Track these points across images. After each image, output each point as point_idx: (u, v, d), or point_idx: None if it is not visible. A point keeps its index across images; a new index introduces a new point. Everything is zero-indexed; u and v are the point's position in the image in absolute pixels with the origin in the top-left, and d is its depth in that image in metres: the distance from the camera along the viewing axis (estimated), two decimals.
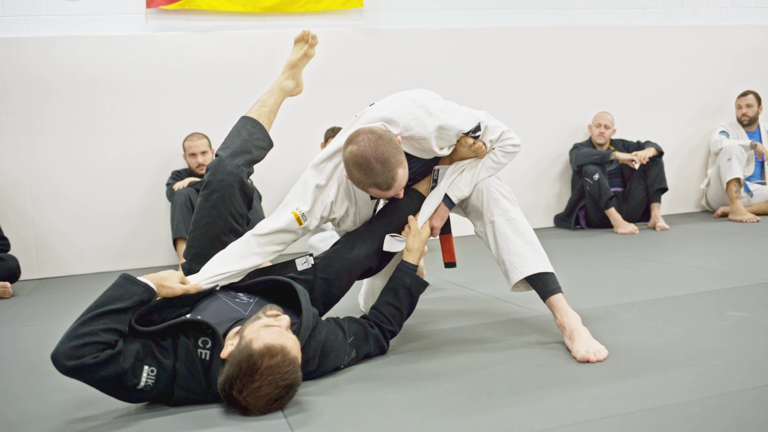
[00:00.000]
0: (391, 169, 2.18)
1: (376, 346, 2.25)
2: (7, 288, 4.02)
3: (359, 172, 2.20)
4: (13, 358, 2.60)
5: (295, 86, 2.90)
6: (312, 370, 2.03)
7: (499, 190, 2.51)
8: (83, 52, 4.84)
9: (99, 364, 1.71)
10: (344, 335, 2.14)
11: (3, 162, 4.73)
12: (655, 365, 2.01)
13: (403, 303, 2.32)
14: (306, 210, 2.34)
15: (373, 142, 2.18)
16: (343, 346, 2.12)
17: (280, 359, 1.71)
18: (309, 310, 2.04)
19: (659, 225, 5.16)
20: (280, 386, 1.72)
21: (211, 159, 4.80)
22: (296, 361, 1.77)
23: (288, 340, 1.79)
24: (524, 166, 5.76)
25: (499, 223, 2.44)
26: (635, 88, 5.99)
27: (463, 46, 5.56)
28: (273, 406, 1.75)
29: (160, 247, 4.99)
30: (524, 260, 2.38)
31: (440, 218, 2.50)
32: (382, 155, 2.17)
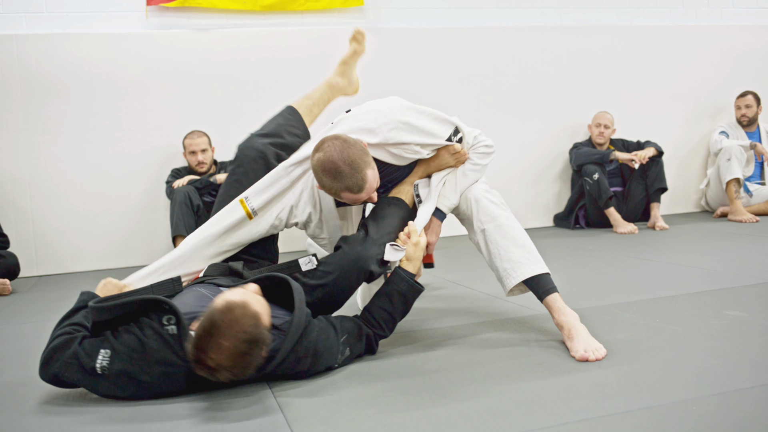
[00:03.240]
0: (359, 170, 2.20)
1: (367, 346, 2.24)
2: (7, 285, 4.02)
3: (329, 178, 2.21)
4: (11, 355, 2.60)
5: (347, 84, 2.92)
6: (305, 369, 2.03)
7: (487, 197, 2.51)
8: (83, 49, 4.83)
9: (57, 347, 1.91)
10: (336, 334, 2.11)
11: (3, 159, 4.73)
12: (653, 364, 2.01)
13: (397, 309, 2.29)
14: (257, 205, 2.39)
15: (338, 147, 2.21)
16: (335, 344, 2.09)
17: (239, 313, 1.73)
18: (302, 309, 2.01)
19: (659, 225, 5.16)
20: (241, 339, 1.71)
21: (211, 157, 4.83)
22: (259, 316, 1.77)
23: (251, 297, 1.81)
24: (524, 166, 5.76)
25: (489, 231, 2.44)
26: (635, 88, 5.99)
27: (463, 45, 5.56)
28: (239, 362, 1.73)
29: (159, 244, 4.99)
30: (517, 265, 2.37)
31: (435, 233, 2.50)
32: (348, 158, 2.19)
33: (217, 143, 4.92)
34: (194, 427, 1.73)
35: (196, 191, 4.54)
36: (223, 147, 4.93)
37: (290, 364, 1.98)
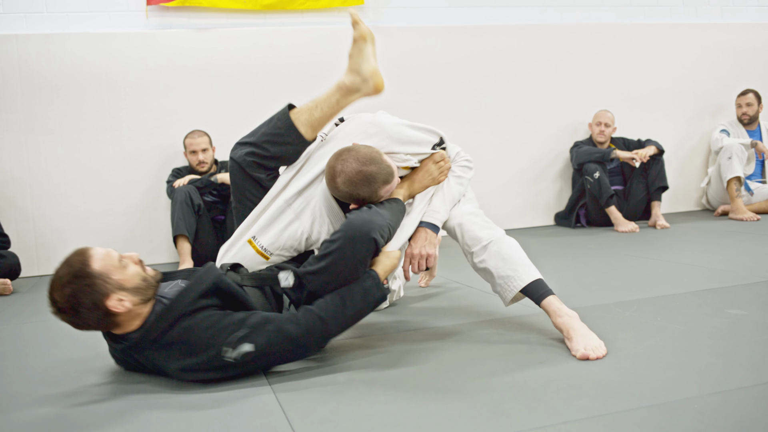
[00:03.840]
0: (382, 161, 2.27)
1: (278, 335, 2.01)
2: (8, 285, 4.03)
3: (365, 186, 2.25)
4: (13, 354, 2.60)
5: (361, 81, 2.46)
6: (171, 356, 2.00)
7: (471, 219, 2.53)
8: (84, 49, 4.84)
9: None
10: (233, 328, 1.98)
11: (3, 159, 4.73)
12: (654, 363, 2.01)
13: (353, 298, 2.11)
14: (267, 244, 2.37)
15: (350, 157, 2.25)
16: (217, 336, 1.96)
17: (72, 254, 1.98)
18: (187, 294, 2.01)
19: (660, 223, 5.16)
20: (66, 272, 1.93)
21: (212, 157, 4.83)
22: (88, 258, 1.94)
23: (96, 249, 1.99)
24: (525, 165, 5.76)
25: (477, 253, 2.46)
26: (636, 86, 5.99)
27: (463, 44, 5.56)
28: (65, 298, 1.92)
29: (160, 244, 5.00)
30: (508, 280, 2.39)
31: (432, 244, 2.46)
32: (366, 158, 2.24)
33: (218, 143, 4.92)
34: (193, 425, 1.72)
35: (196, 191, 4.54)
36: (223, 146, 4.92)
37: (160, 346, 2.00)
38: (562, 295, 2.40)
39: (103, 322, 1.98)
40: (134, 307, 1.99)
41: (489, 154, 5.65)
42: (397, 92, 5.34)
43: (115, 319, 1.99)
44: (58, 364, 2.38)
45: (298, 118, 2.43)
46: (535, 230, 5.53)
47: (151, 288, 2.05)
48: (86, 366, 2.33)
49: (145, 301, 2.02)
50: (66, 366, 2.35)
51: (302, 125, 2.42)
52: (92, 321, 1.96)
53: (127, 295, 1.97)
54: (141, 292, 2.01)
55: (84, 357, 2.40)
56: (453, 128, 5.50)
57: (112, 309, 1.94)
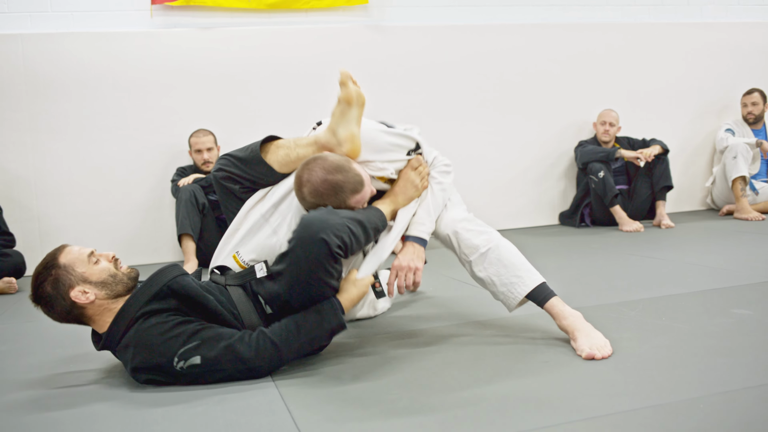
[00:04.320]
0: (350, 169, 2.21)
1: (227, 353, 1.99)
2: (13, 284, 4.04)
3: (332, 195, 2.17)
4: (17, 353, 2.61)
5: (336, 144, 2.33)
6: (128, 358, 2.01)
7: (465, 227, 2.46)
8: (88, 48, 4.84)
9: None
10: (184, 338, 1.97)
11: (8, 158, 4.75)
12: (660, 362, 2.01)
13: (308, 325, 2.07)
14: (248, 260, 2.29)
15: (317, 166, 2.19)
16: (168, 344, 1.96)
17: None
18: (139, 297, 2.03)
19: (664, 223, 5.15)
20: (36, 270, 2.04)
21: (217, 155, 4.83)
22: (59, 252, 2.05)
23: (71, 247, 2.08)
24: (529, 164, 5.76)
25: (475, 262, 2.41)
26: (640, 86, 5.98)
27: (467, 43, 5.56)
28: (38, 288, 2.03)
29: (165, 243, 5.00)
30: (511, 287, 2.35)
31: (420, 258, 2.40)
32: (332, 166, 2.18)
33: (223, 142, 4.92)
34: (197, 423, 1.73)
35: (201, 190, 4.55)
36: (228, 146, 4.92)
37: (121, 347, 2.03)
38: (566, 295, 2.40)
39: (72, 314, 2.05)
40: (101, 301, 2.04)
41: (493, 153, 5.64)
42: (400, 91, 5.35)
43: (83, 312, 2.04)
44: (62, 362, 2.39)
45: (274, 154, 2.36)
46: (539, 229, 5.52)
47: (121, 284, 2.08)
48: (91, 364, 2.33)
49: (113, 296, 2.06)
50: (70, 363, 2.36)
51: (276, 163, 2.35)
52: (62, 312, 2.04)
53: (91, 288, 2.03)
54: (108, 287, 2.06)
55: (89, 355, 2.41)
56: (456, 127, 5.51)
57: (75, 300, 2.01)
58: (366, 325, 2.69)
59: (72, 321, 2.08)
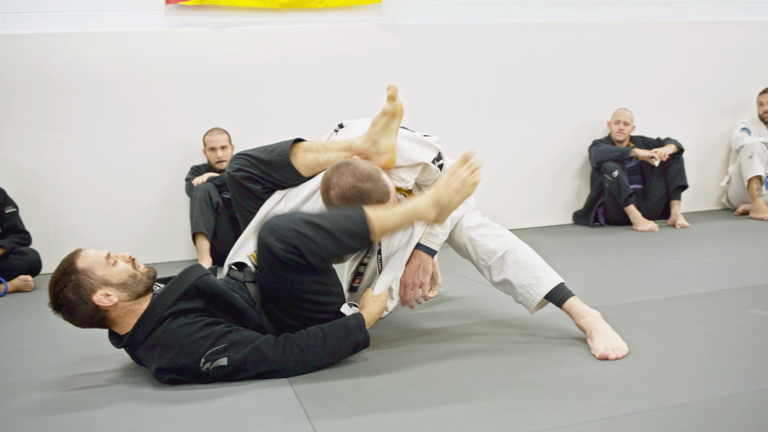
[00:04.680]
0: (379, 179, 2.18)
1: (254, 354, 2.00)
2: (29, 281, 4.07)
3: (358, 203, 2.16)
4: (35, 351, 2.63)
5: (375, 153, 2.33)
6: (154, 357, 2.02)
7: (480, 233, 2.46)
8: (103, 48, 4.87)
9: None
10: (212, 340, 1.99)
11: (24, 157, 4.78)
12: (675, 363, 2.00)
13: (335, 335, 2.09)
14: None
15: (348, 171, 2.17)
16: (196, 345, 1.98)
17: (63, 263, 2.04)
18: (162, 305, 2.03)
19: (679, 223, 5.13)
20: (56, 270, 2.03)
21: (231, 154, 4.84)
22: (75, 257, 2.03)
23: (88, 251, 2.06)
24: (543, 163, 5.74)
25: (494, 266, 2.42)
26: (655, 85, 5.94)
27: (480, 42, 5.55)
28: (55, 293, 2.01)
29: (179, 241, 5.03)
30: (532, 288, 2.35)
31: (424, 270, 2.41)
32: (363, 174, 2.16)
33: (237, 141, 4.94)
34: (213, 421, 1.73)
35: (215, 188, 4.57)
36: (242, 144, 4.94)
37: (146, 347, 2.03)
38: (581, 295, 2.39)
39: (95, 318, 2.04)
40: (124, 303, 2.04)
41: (506, 152, 5.63)
42: (414, 90, 5.34)
43: (106, 315, 2.04)
44: (79, 359, 2.41)
45: (302, 157, 2.35)
46: (553, 229, 5.50)
47: (141, 284, 2.08)
48: (108, 361, 2.35)
49: (135, 297, 2.06)
50: (86, 360, 2.38)
51: (303, 167, 2.34)
52: (85, 317, 2.03)
53: (114, 290, 2.02)
54: (129, 288, 2.05)
55: (106, 352, 2.42)
56: (470, 126, 5.50)
57: (99, 304, 2.00)
58: (379, 324, 2.69)
59: (94, 325, 2.07)
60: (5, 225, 4.22)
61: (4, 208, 4.23)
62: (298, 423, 1.70)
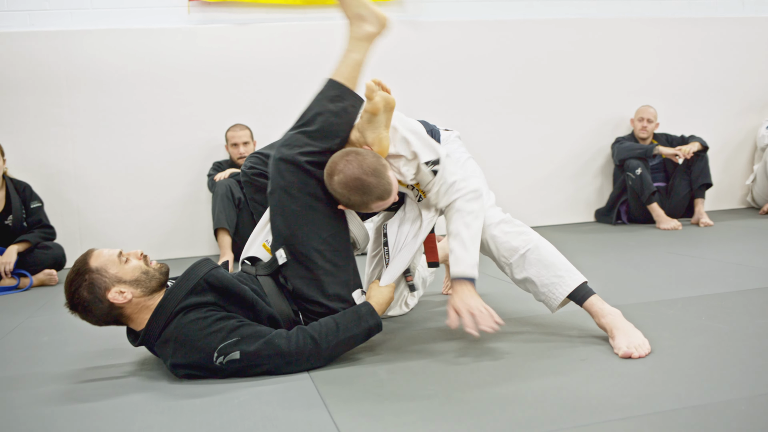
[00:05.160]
0: (384, 176, 2.17)
1: (267, 347, 2.00)
2: (53, 276, 4.12)
3: (358, 195, 2.16)
4: (57, 344, 2.66)
5: (364, 144, 2.31)
6: (168, 353, 2.03)
7: (502, 230, 2.39)
8: (127, 44, 4.91)
9: None
10: (224, 334, 1.99)
11: (49, 152, 4.84)
12: (699, 363, 1.98)
13: (346, 323, 2.10)
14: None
15: (355, 161, 2.16)
16: (208, 339, 1.98)
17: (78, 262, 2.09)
18: (172, 300, 2.04)
19: (703, 221, 5.08)
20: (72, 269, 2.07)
21: (253, 150, 4.86)
22: (89, 256, 2.07)
23: (102, 250, 2.10)
24: (565, 160, 5.71)
25: (516, 264, 2.37)
26: (679, 81, 5.89)
27: (502, 38, 5.53)
28: (72, 292, 2.05)
29: (201, 237, 5.06)
30: (554, 287, 2.31)
31: (473, 296, 2.24)
32: (369, 168, 2.15)
33: (259, 136, 4.96)
34: (233, 415, 1.74)
35: (237, 184, 4.59)
36: (264, 140, 4.94)
37: (161, 343, 2.05)
38: (603, 293, 2.37)
39: (111, 315, 2.07)
40: (138, 299, 2.07)
41: (528, 149, 5.61)
42: (434, 86, 5.34)
43: (122, 312, 2.07)
44: (101, 353, 2.43)
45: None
46: (575, 227, 5.47)
47: (154, 280, 2.11)
48: (129, 355, 2.37)
49: (149, 293, 2.09)
50: (107, 354, 2.40)
51: None
52: (101, 315, 2.06)
53: (127, 287, 2.05)
54: (142, 284, 2.08)
55: (126, 346, 2.44)
56: (491, 123, 5.49)
57: (113, 301, 2.03)
58: (401, 321, 2.69)
59: (110, 323, 2.11)
60: (30, 219, 4.28)
61: (30, 203, 4.29)
62: (319, 419, 1.70)
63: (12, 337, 2.82)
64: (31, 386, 2.12)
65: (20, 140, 4.76)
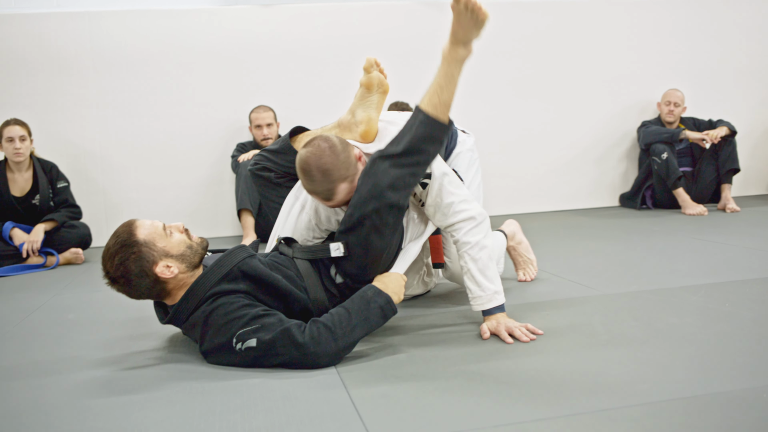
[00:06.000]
0: (331, 181, 2.14)
1: (283, 336, 1.95)
2: (79, 254, 4.18)
3: (302, 177, 2.19)
4: (84, 322, 2.69)
5: (353, 123, 2.45)
6: (196, 337, 2.05)
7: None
8: (152, 25, 4.93)
9: None
10: (246, 320, 1.97)
11: (75, 133, 4.88)
12: (721, 349, 1.96)
13: (356, 308, 2.06)
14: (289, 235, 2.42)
15: (321, 150, 2.15)
16: (230, 324, 1.98)
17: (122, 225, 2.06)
18: (204, 286, 2.04)
19: (729, 207, 5.01)
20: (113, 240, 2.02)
21: (276, 132, 4.87)
22: (134, 227, 2.03)
23: (144, 221, 2.07)
24: (589, 144, 5.66)
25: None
26: (708, 64, 5.79)
27: (529, 21, 5.47)
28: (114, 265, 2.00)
29: (224, 218, 5.10)
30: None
31: (508, 319, 2.23)
32: (324, 165, 2.13)
33: (283, 118, 4.97)
34: (254, 395, 1.76)
35: None
36: (288, 122, 4.97)
37: (189, 325, 2.07)
38: (627, 278, 2.37)
39: (154, 289, 2.06)
40: (183, 274, 2.07)
41: (553, 132, 5.56)
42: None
43: (164, 287, 2.06)
44: (126, 329, 2.46)
45: (301, 140, 2.45)
46: (599, 211, 5.43)
47: (197, 255, 2.11)
48: (154, 332, 2.40)
49: (192, 268, 2.09)
50: (132, 331, 2.43)
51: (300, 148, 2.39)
52: (143, 288, 2.04)
53: (174, 261, 2.04)
54: (187, 259, 2.08)
55: (151, 323, 2.47)
56: (517, 105, 5.45)
57: (160, 275, 2.02)
58: (420, 303, 2.70)
59: (151, 297, 2.09)
60: (57, 199, 4.33)
61: (56, 183, 4.34)
62: (339, 400, 1.72)
63: (38, 314, 2.86)
64: (58, 370, 2.15)
65: (47, 120, 4.81)
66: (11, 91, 4.81)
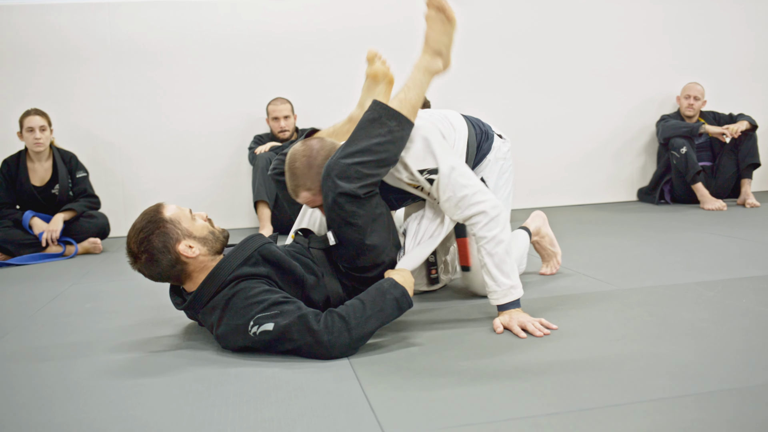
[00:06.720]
0: (295, 184, 2.28)
1: (299, 323, 1.95)
2: (98, 244, 4.22)
3: (292, 179, 2.30)
4: (102, 311, 2.72)
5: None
6: (214, 321, 2.05)
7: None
8: (171, 16, 4.96)
9: None
10: (265, 305, 1.98)
11: (94, 124, 4.92)
12: (737, 345, 1.95)
13: (371, 298, 2.05)
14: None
15: (300, 153, 2.28)
16: (249, 308, 1.99)
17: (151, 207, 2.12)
18: (225, 269, 2.06)
19: (749, 202, 4.97)
20: (140, 219, 2.08)
21: (293, 124, 4.88)
22: (161, 208, 2.09)
23: (170, 205, 2.12)
24: (608, 137, 5.63)
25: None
26: (728, 57, 5.73)
27: (545, 13, 5.44)
28: (140, 243, 2.04)
29: (241, 209, 5.12)
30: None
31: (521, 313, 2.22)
32: (294, 168, 2.27)
33: (300, 111, 4.98)
34: (269, 385, 1.77)
35: None
36: (305, 115, 4.98)
37: (208, 309, 2.07)
38: (643, 273, 2.35)
39: (174, 269, 2.07)
40: (203, 257, 2.10)
41: (571, 125, 5.53)
42: (476, 63, 5.28)
43: (185, 267, 2.08)
44: (143, 316, 2.49)
45: None
46: (617, 205, 5.40)
47: (219, 242, 2.15)
48: (170, 320, 2.42)
49: (213, 254, 2.13)
50: (149, 318, 2.45)
51: None
52: (165, 267, 2.06)
53: (196, 243, 2.08)
54: (209, 243, 2.12)
55: (168, 311, 2.49)
56: (535, 97, 5.42)
57: (182, 254, 2.05)
58: (434, 297, 2.70)
59: (171, 277, 2.11)
60: (76, 189, 4.37)
61: (76, 173, 4.38)
62: (350, 392, 1.72)
63: (57, 302, 2.90)
64: (76, 356, 2.18)
65: (67, 111, 4.86)
66: (32, 82, 4.85)
